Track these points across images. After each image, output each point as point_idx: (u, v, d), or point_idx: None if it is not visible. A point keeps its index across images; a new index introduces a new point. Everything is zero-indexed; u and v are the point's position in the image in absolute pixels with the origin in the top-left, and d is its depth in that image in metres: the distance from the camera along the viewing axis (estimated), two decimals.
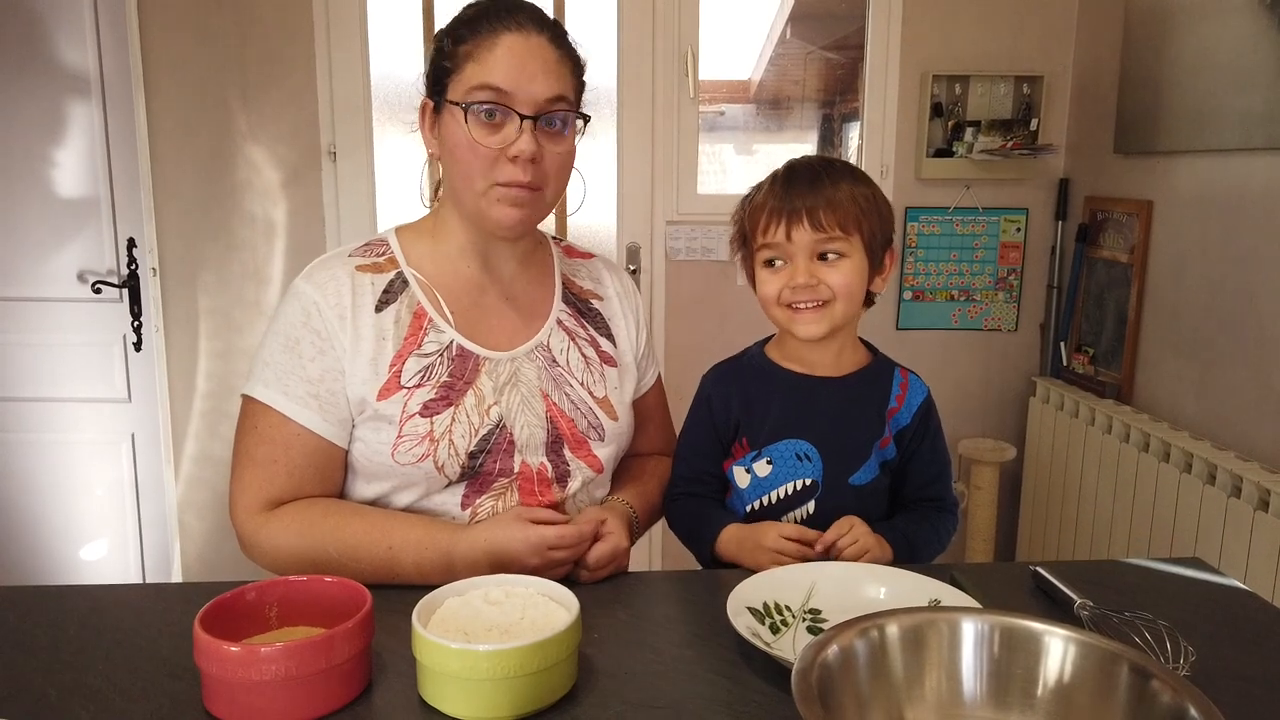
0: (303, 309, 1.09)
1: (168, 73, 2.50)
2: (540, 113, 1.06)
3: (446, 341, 1.12)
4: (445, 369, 1.11)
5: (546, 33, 1.08)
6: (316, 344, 1.08)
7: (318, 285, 1.10)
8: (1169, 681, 0.65)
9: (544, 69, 1.06)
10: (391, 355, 1.09)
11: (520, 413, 1.13)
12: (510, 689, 0.77)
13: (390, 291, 1.12)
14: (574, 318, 1.23)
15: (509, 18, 1.06)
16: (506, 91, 1.05)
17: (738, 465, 1.20)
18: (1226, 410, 2.08)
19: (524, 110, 1.05)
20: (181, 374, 2.63)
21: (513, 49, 1.05)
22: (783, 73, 2.82)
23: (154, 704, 0.81)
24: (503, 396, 1.13)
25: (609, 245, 2.74)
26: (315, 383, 1.08)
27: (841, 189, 1.11)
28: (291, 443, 1.08)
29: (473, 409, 1.10)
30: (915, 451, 1.21)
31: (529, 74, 1.05)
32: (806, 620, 0.95)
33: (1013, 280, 2.80)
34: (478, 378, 1.12)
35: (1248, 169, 2.02)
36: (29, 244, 2.53)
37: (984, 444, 2.72)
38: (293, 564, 1.05)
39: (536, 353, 1.17)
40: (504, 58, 1.05)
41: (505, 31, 1.06)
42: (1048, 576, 1.03)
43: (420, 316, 1.12)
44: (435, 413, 1.09)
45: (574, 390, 1.18)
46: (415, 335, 1.11)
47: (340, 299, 1.09)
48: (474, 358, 1.12)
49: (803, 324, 1.13)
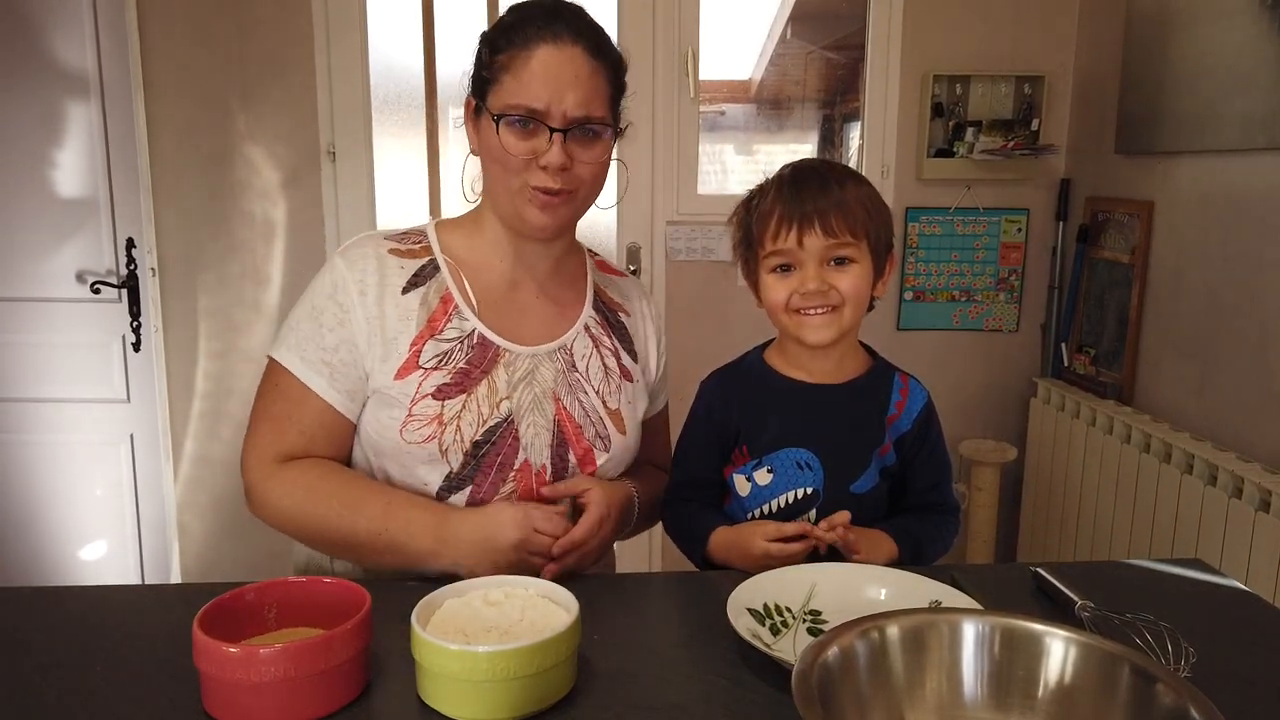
0: (331, 281, 1.14)
1: (167, 73, 2.50)
2: (571, 126, 1.08)
3: (469, 330, 1.14)
4: (464, 356, 1.13)
5: (583, 42, 1.08)
6: (337, 315, 1.12)
7: (349, 261, 1.15)
8: (1170, 683, 0.65)
9: (576, 83, 1.07)
10: (414, 336, 1.12)
11: (529, 411, 1.15)
12: (509, 690, 0.77)
13: (420, 275, 1.16)
14: (601, 325, 1.25)
15: (546, 28, 1.07)
16: (537, 109, 1.07)
17: (738, 473, 1.20)
18: (1227, 411, 2.08)
19: (555, 124, 1.07)
20: (181, 374, 2.63)
21: (547, 63, 1.06)
22: (783, 73, 2.82)
23: (154, 704, 0.81)
24: (515, 392, 1.14)
25: (609, 245, 2.74)
26: (330, 351, 1.12)
27: (849, 192, 1.11)
28: (305, 404, 1.12)
29: (484, 399, 1.13)
30: (915, 457, 1.20)
31: (561, 90, 1.06)
32: (807, 621, 0.95)
33: (1014, 281, 2.80)
34: (494, 369, 1.14)
35: (1249, 169, 2.02)
36: (28, 244, 2.53)
37: (985, 445, 2.72)
38: (295, 515, 1.10)
39: (558, 354, 1.19)
40: (538, 72, 1.06)
41: (540, 44, 1.07)
42: (1048, 577, 1.03)
43: (447, 302, 1.15)
44: (448, 396, 1.11)
45: (588, 398, 1.19)
46: (439, 320, 1.14)
47: (365, 276, 1.13)
48: (494, 348, 1.15)
49: (812, 329, 1.12)
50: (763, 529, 1.10)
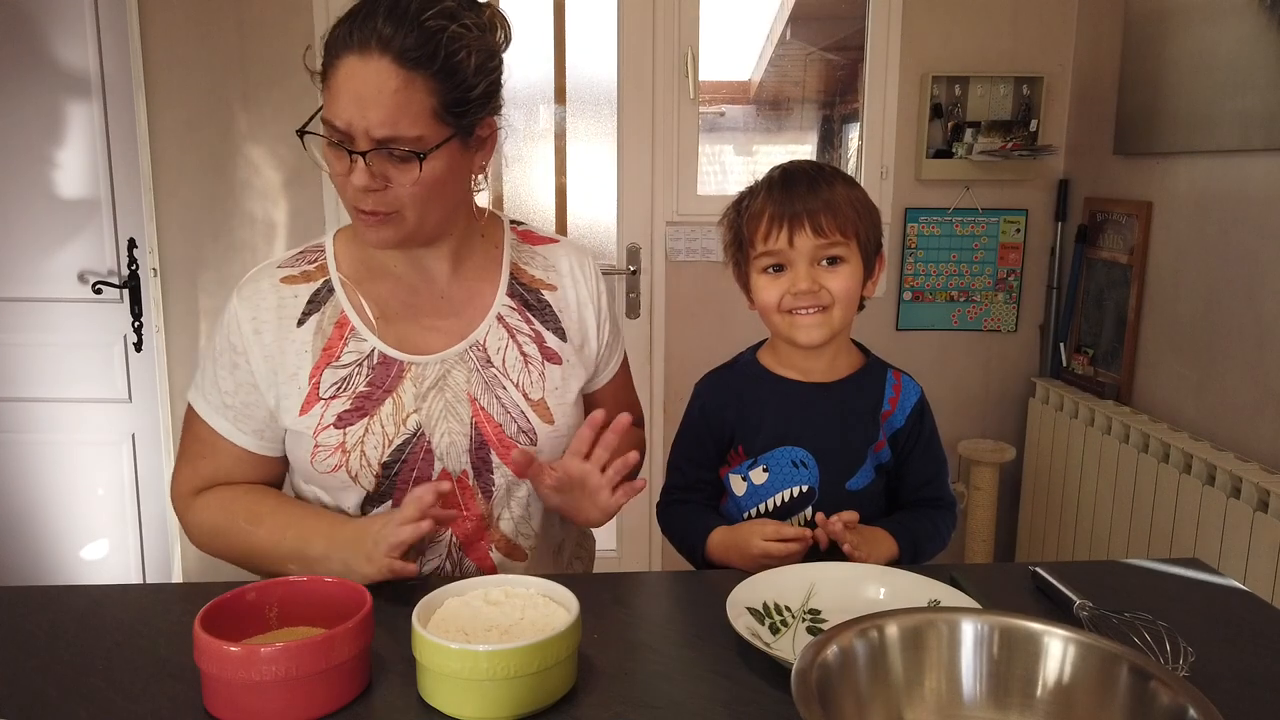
0: (225, 323, 1.13)
1: (168, 73, 2.50)
2: (374, 148, 0.99)
3: (367, 350, 1.11)
4: (363, 378, 1.10)
5: (391, 52, 0.96)
6: (232, 358, 1.12)
7: (243, 299, 1.12)
8: (1168, 682, 0.66)
9: (378, 99, 0.96)
10: (310, 368, 1.10)
11: (442, 419, 1.11)
12: (510, 689, 0.77)
13: (314, 302, 1.12)
14: (518, 311, 1.18)
15: (354, 33, 0.97)
16: (340, 129, 0.99)
17: (734, 473, 1.20)
18: (1226, 411, 2.08)
19: (359, 146, 0.99)
20: (182, 374, 2.63)
21: (350, 76, 0.97)
22: (783, 74, 2.82)
23: (154, 704, 0.81)
24: (424, 403, 1.11)
25: (609, 246, 2.74)
26: (230, 394, 1.12)
27: (838, 192, 1.12)
28: (217, 444, 1.14)
29: (388, 418, 1.10)
30: (910, 453, 1.21)
31: (363, 108, 0.97)
32: (806, 621, 0.95)
33: (1012, 281, 2.80)
34: (400, 385, 1.11)
35: (1247, 170, 2.02)
36: (29, 244, 2.53)
37: (983, 445, 2.72)
38: (211, 535, 1.13)
39: (469, 353, 1.14)
40: (342, 87, 0.98)
41: (347, 53, 0.97)
42: (1047, 577, 1.03)
43: (342, 326, 1.11)
44: (349, 424, 1.09)
45: (506, 393, 1.14)
46: (334, 346, 1.11)
47: (260, 314, 1.11)
48: (397, 364, 1.11)
49: (804, 330, 1.13)
50: (761, 529, 1.10)
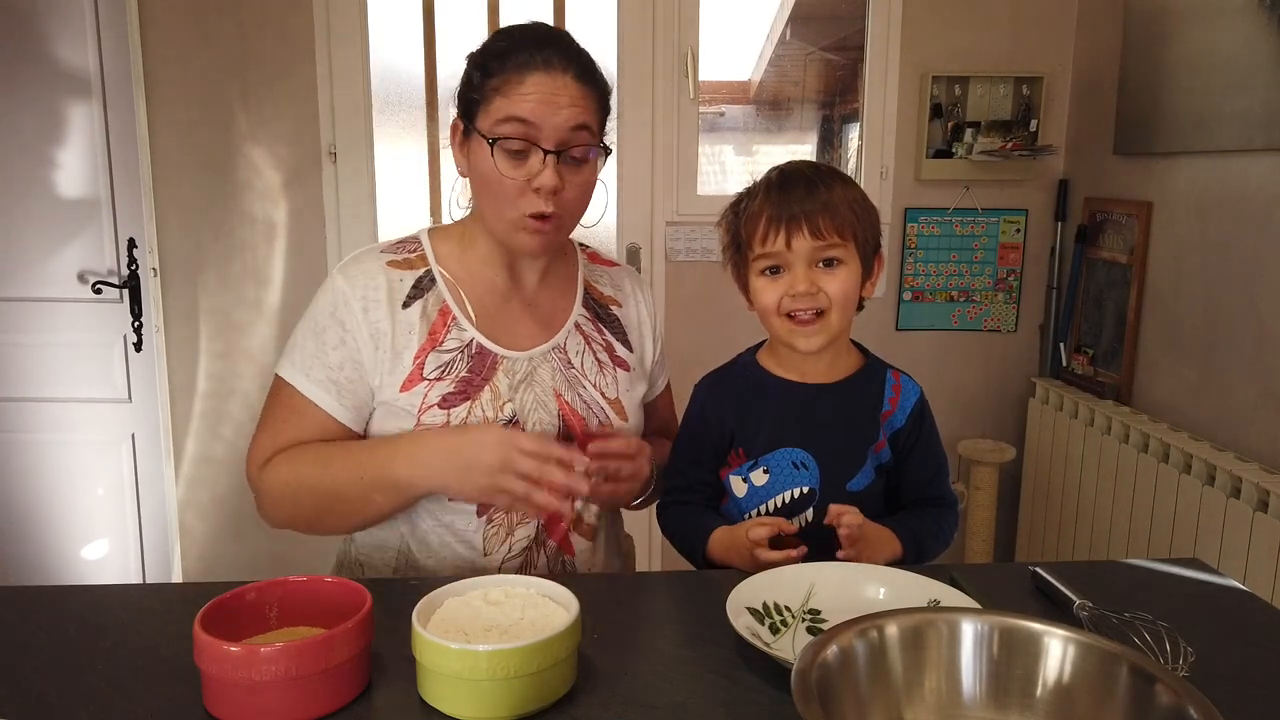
0: (332, 300, 1.16)
1: (168, 73, 2.50)
2: (562, 147, 1.09)
3: (467, 339, 1.17)
4: (465, 365, 1.16)
5: (573, 69, 1.10)
6: (339, 334, 1.14)
7: (349, 279, 1.16)
8: (1168, 682, 0.66)
9: (568, 103, 1.09)
10: (416, 349, 1.15)
11: (534, 410, 1.18)
12: (510, 689, 0.77)
13: (418, 288, 1.18)
14: (592, 322, 1.28)
15: (537, 54, 1.09)
16: (532, 124, 1.08)
17: (734, 475, 1.20)
18: (1226, 411, 2.08)
19: (547, 145, 1.09)
20: (182, 374, 2.63)
21: (539, 86, 1.08)
22: (783, 74, 2.82)
23: (154, 704, 0.81)
24: (517, 394, 1.18)
25: (609, 246, 2.74)
26: (335, 369, 1.14)
27: (836, 193, 1.11)
28: (307, 415, 1.15)
29: (488, 404, 1.16)
30: (911, 453, 1.20)
31: (553, 109, 1.08)
32: (806, 620, 0.95)
33: (1012, 281, 2.80)
34: (495, 375, 1.17)
35: (1247, 170, 2.02)
36: (29, 244, 2.53)
37: (983, 445, 2.72)
38: (285, 493, 1.13)
39: (552, 354, 1.22)
40: (530, 94, 1.08)
41: (532, 70, 1.08)
42: (1047, 577, 1.03)
43: (445, 314, 1.18)
44: (453, 405, 1.14)
45: (586, 390, 1.23)
46: (439, 331, 1.17)
47: (368, 293, 1.15)
48: (492, 356, 1.18)
49: (803, 338, 1.13)
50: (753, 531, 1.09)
